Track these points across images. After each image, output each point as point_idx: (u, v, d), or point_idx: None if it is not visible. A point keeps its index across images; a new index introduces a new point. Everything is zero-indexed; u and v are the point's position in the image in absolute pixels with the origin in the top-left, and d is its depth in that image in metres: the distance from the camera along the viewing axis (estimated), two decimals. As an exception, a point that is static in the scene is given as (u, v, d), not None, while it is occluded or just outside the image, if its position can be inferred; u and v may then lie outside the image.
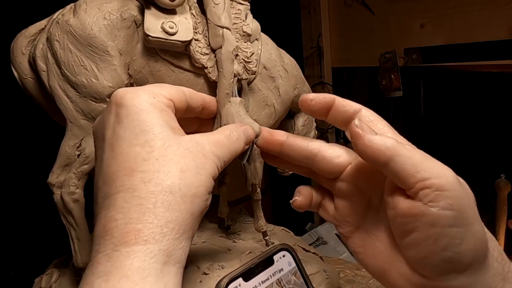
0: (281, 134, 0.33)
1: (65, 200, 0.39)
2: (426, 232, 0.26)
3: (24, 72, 0.41)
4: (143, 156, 0.26)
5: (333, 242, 1.10)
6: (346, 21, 1.29)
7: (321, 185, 0.34)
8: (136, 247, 0.24)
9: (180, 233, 0.26)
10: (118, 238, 0.24)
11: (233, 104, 0.38)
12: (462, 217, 0.25)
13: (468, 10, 1.01)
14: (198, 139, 0.29)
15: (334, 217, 0.33)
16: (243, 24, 0.43)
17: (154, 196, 0.25)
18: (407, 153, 0.26)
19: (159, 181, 0.26)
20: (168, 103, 0.29)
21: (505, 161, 1.03)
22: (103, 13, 0.38)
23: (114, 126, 0.28)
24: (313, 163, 0.32)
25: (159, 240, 0.25)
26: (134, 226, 0.25)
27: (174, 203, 0.26)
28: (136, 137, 0.27)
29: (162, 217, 0.25)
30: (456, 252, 0.25)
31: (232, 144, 0.31)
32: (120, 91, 0.28)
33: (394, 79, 1.18)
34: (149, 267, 0.24)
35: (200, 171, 0.27)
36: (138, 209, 0.25)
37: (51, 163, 0.40)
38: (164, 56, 0.40)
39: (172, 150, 0.27)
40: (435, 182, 0.25)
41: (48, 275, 0.47)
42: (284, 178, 0.53)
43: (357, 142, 0.27)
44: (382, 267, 0.30)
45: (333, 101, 0.31)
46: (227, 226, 0.54)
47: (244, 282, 0.37)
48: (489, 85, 1.07)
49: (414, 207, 0.26)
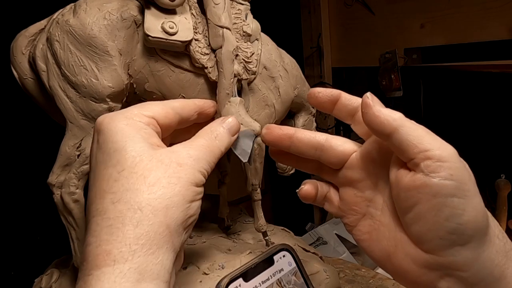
0: (289, 128, 0.34)
1: (65, 200, 0.39)
2: (428, 203, 0.26)
3: (24, 72, 0.41)
4: (114, 177, 0.26)
5: (333, 242, 1.10)
6: (346, 21, 1.29)
7: (326, 179, 0.36)
8: (106, 269, 0.24)
9: (153, 248, 0.25)
10: (90, 262, 0.25)
11: (233, 104, 0.38)
12: (462, 188, 0.26)
13: (468, 10, 1.01)
14: (174, 148, 0.29)
15: (340, 207, 0.34)
16: (243, 24, 0.43)
17: (122, 216, 0.25)
18: (411, 125, 0.27)
19: (127, 199, 0.26)
20: (148, 121, 0.29)
21: (505, 161, 1.03)
22: (103, 13, 0.38)
23: (96, 153, 0.28)
24: (321, 153, 0.33)
25: (128, 258, 0.24)
26: (104, 247, 0.25)
27: (144, 219, 0.25)
28: (110, 159, 0.27)
29: (130, 235, 0.25)
30: (458, 223, 0.26)
31: (211, 143, 0.31)
32: (100, 118, 0.29)
33: (394, 79, 1.18)
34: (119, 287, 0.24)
35: (173, 180, 0.27)
36: (107, 231, 0.25)
37: (51, 163, 0.40)
38: (164, 56, 0.40)
39: (143, 165, 0.27)
40: (436, 153, 0.26)
41: (48, 275, 0.47)
42: (284, 178, 0.53)
43: (366, 111, 0.29)
44: (387, 251, 0.30)
45: (339, 96, 0.33)
46: (227, 226, 0.54)
47: (245, 282, 0.37)
48: (489, 85, 1.07)
49: (416, 179, 0.27)
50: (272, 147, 0.36)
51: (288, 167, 0.52)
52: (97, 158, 0.28)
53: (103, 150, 0.28)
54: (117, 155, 0.27)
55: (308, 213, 1.38)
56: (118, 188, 0.26)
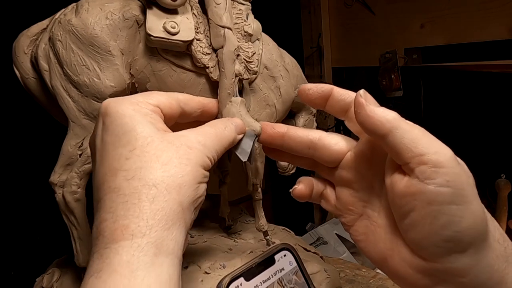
0: (282, 126, 0.34)
1: (67, 200, 0.39)
2: (424, 210, 0.25)
3: (26, 72, 0.41)
4: (126, 155, 0.27)
5: (333, 242, 1.10)
6: (346, 21, 1.29)
7: (323, 176, 0.35)
8: (124, 242, 0.24)
9: (169, 224, 0.26)
10: (107, 237, 0.25)
11: (234, 104, 0.38)
12: (460, 194, 0.25)
13: (468, 10, 1.02)
14: (183, 133, 0.29)
15: (336, 206, 0.34)
16: (245, 24, 0.43)
17: (137, 192, 0.26)
18: (406, 127, 0.26)
19: (142, 176, 0.26)
20: (153, 109, 0.30)
21: (505, 161, 1.03)
22: (105, 13, 0.38)
23: (102, 134, 0.28)
24: (314, 152, 0.33)
25: (146, 233, 0.25)
26: (121, 222, 0.25)
27: (159, 195, 0.26)
28: (119, 139, 0.27)
29: (147, 210, 0.25)
30: (456, 231, 0.25)
31: (220, 132, 0.31)
32: (105, 102, 0.29)
33: (394, 79, 1.18)
34: (137, 261, 0.24)
35: (184, 161, 0.27)
36: (123, 206, 0.25)
37: (53, 163, 0.40)
38: (166, 55, 0.40)
39: (154, 145, 0.27)
40: (432, 158, 0.25)
41: (49, 274, 0.47)
42: (285, 178, 0.53)
43: (359, 111, 0.28)
44: (383, 254, 0.30)
45: (331, 91, 0.32)
46: (228, 226, 0.54)
47: (246, 282, 0.37)
48: (489, 85, 1.07)
49: (411, 185, 0.26)
50: (265, 145, 0.36)
51: (289, 167, 0.52)
52: (104, 140, 0.28)
53: (111, 132, 0.28)
54: (127, 136, 0.27)
55: (308, 213, 1.38)
56: (130, 165, 0.26)
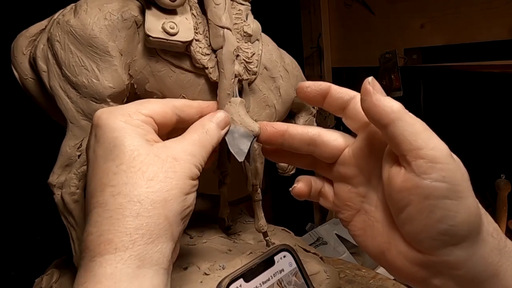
0: (282, 125, 0.35)
1: (65, 201, 0.39)
2: (420, 204, 0.26)
3: (25, 73, 0.41)
4: (113, 170, 0.28)
5: (333, 242, 1.10)
6: (346, 21, 1.29)
7: (321, 174, 0.35)
8: (108, 256, 0.26)
9: (153, 237, 0.27)
10: (93, 250, 0.26)
11: (233, 104, 0.38)
12: (455, 190, 0.26)
13: (468, 10, 1.01)
14: (169, 144, 0.30)
15: (334, 203, 0.34)
16: (244, 25, 0.43)
17: (122, 208, 0.27)
18: (409, 120, 0.27)
19: (127, 192, 0.27)
20: (145, 120, 0.31)
21: (505, 161, 1.03)
22: (104, 14, 0.38)
23: (94, 146, 0.29)
24: (314, 149, 0.33)
25: (129, 247, 0.26)
26: (106, 237, 0.26)
27: (143, 211, 0.27)
28: (110, 153, 0.28)
29: (131, 225, 0.26)
30: (451, 225, 0.26)
31: (203, 138, 0.32)
32: (98, 112, 0.30)
33: (394, 79, 1.18)
34: (120, 273, 0.25)
35: (170, 175, 0.28)
36: (108, 221, 0.27)
37: (51, 164, 0.40)
38: (165, 56, 0.40)
39: (140, 159, 0.28)
40: (429, 153, 0.26)
41: (48, 275, 0.47)
42: (285, 179, 0.53)
43: (365, 98, 0.28)
44: (381, 248, 0.31)
45: (329, 89, 0.33)
46: (227, 227, 0.54)
47: (245, 283, 0.37)
48: (489, 85, 1.07)
49: (408, 180, 0.26)
50: (265, 145, 0.36)
51: (288, 168, 0.52)
52: (96, 152, 0.29)
53: (101, 145, 0.29)
54: (116, 150, 0.28)
55: (308, 213, 1.38)
56: (117, 181, 0.27)
